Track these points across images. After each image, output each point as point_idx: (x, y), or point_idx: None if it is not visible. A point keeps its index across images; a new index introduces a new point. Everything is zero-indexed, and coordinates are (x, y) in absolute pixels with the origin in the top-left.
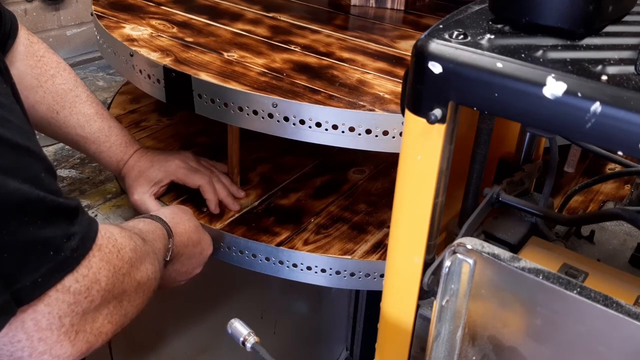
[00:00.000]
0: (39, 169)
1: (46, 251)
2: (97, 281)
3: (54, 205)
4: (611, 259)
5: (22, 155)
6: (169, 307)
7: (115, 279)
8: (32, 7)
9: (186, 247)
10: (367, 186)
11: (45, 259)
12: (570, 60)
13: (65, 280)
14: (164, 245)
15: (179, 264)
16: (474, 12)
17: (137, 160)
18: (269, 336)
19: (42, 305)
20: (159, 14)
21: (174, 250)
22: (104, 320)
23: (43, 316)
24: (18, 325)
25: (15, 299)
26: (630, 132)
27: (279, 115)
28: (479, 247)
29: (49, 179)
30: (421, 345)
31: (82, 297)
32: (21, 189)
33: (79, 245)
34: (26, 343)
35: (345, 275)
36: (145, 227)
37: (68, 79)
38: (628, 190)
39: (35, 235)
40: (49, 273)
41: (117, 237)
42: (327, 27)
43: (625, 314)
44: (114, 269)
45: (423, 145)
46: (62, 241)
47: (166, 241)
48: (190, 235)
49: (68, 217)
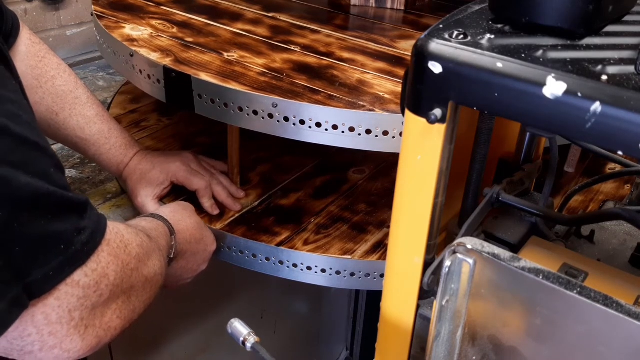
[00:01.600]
0: (48, 164)
1: (57, 245)
2: (106, 275)
3: (64, 199)
4: (611, 259)
5: (32, 150)
6: (170, 307)
7: (124, 273)
8: (32, 7)
9: (189, 243)
10: (367, 186)
11: (56, 252)
12: (570, 60)
13: (75, 275)
14: (167, 242)
15: (184, 261)
16: (474, 12)
17: (138, 163)
18: (269, 336)
19: (52, 299)
20: (159, 14)
21: (177, 247)
22: (113, 315)
23: (53, 310)
24: (28, 320)
25: (27, 292)
26: (630, 132)
27: (279, 115)
28: (479, 247)
29: (58, 174)
30: (421, 345)
31: (92, 291)
32: (32, 183)
33: (89, 240)
34: (36, 337)
35: (345, 275)
36: (148, 225)
37: (68, 81)
38: (628, 190)
39: (46, 229)
40: (60, 267)
41: (124, 233)
42: (327, 27)
43: (625, 314)
44: (122, 264)
45: (423, 145)
46: (72, 235)
47: (169, 238)
48: (192, 232)
49: (78, 211)
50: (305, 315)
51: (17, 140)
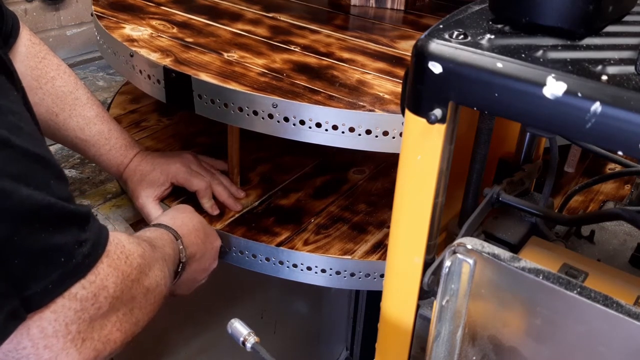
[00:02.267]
0: (49, 176)
1: (57, 257)
2: (105, 287)
3: (65, 211)
4: (611, 259)
5: (33, 162)
6: (170, 307)
7: (124, 285)
8: (32, 7)
9: (197, 245)
10: (367, 186)
11: (56, 265)
12: (570, 60)
13: (73, 287)
14: (174, 249)
15: (196, 263)
16: (474, 12)
17: (138, 164)
18: (269, 336)
19: (48, 312)
20: (159, 14)
21: (187, 251)
22: (113, 328)
23: (49, 323)
24: (24, 332)
25: (24, 305)
26: (630, 132)
27: (279, 115)
28: (479, 247)
29: (60, 185)
30: (421, 345)
31: (89, 303)
32: (32, 195)
33: (91, 252)
34: (31, 350)
35: (345, 275)
36: (152, 234)
37: (68, 82)
38: (628, 190)
39: (47, 242)
40: (60, 280)
41: (125, 244)
42: (327, 27)
43: (625, 314)
44: (122, 275)
45: (423, 145)
46: (73, 247)
47: (175, 245)
48: (197, 233)
49: (79, 223)
50: (305, 315)
51: (17, 152)
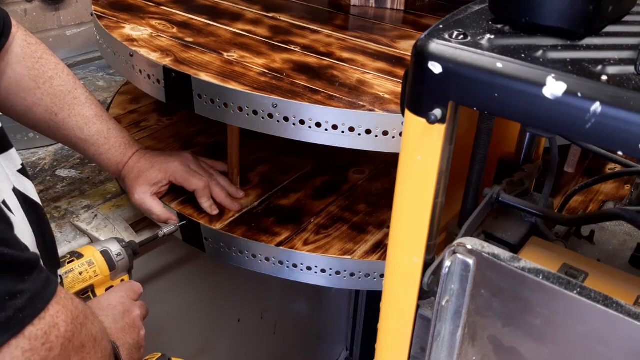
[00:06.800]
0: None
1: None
2: (56, 325)
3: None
4: (611, 259)
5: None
6: (169, 307)
7: (74, 326)
8: (32, 7)
9: (118, 332)
10: (367, 186)
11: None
12: (570, 60)
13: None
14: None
15: (124, 349)
16: (474, 12)
17: (137, 162)
18: (269, 336)
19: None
20: (159, 14)
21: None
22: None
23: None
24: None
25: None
26: (630, 132)
27: (279, 115)
28: (479, 247)
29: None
30: (421, 345)
31: (40, 343)
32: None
33: (26, 305)
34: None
35: (345, 276)
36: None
37: (67, 81)
38: (628, 190)
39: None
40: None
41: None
42: (327, 27)
43: (625, 314)
44: (71, 315)
45: (423, 146)
46: (3, 299)
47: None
48: (115, 328)
49: (16, 272)
50: (305, 315)
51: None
